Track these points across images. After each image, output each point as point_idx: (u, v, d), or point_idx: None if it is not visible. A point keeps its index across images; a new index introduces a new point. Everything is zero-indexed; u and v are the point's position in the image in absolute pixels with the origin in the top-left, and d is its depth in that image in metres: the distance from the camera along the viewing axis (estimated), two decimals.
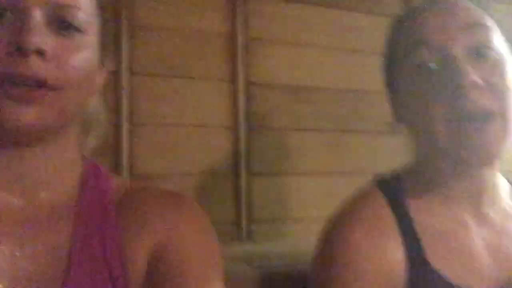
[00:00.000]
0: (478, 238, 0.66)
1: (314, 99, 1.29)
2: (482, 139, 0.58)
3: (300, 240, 1.19)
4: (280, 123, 1.24)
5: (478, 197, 0.66)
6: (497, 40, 0.62)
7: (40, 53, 0.46)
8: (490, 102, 0.58)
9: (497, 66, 0.60)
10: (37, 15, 0.47)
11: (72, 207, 0.54)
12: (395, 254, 0.62)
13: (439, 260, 0.62)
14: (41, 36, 0.46)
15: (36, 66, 0.46)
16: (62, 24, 0.49)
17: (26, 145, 0.50)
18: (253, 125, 1.20)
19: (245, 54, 1.21)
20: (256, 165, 1.20)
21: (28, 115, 0.46)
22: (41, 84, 0.46)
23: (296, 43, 1.29)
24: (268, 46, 1.25)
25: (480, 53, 0.60)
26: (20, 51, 0.45)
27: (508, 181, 0.73)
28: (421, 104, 0.62)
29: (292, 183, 1.24)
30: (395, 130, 0.72)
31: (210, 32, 1.18)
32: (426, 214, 0.66)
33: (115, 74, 1.05)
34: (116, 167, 1.04)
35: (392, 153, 1.35)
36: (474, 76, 0.57)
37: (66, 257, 0.50)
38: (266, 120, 1.22)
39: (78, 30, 0.50)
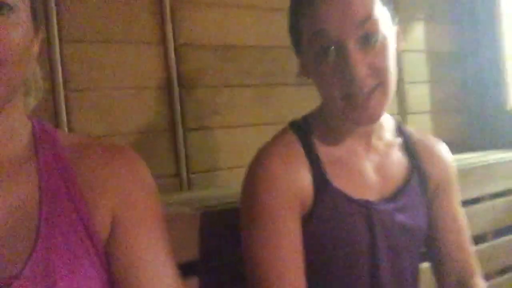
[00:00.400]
0: (368, 162, 0.84)
1: (241, 57, 1.39)
2: (369, 106, 0.73)
3: (234, 186, 1.33)
4: (210, 81, 1.34)
5: (367, 133, 0.83)
6: (384, 27, 0.75)
7: None
8: (375, 80, 0.73)
9: (381, 51, 0.74)
10: None
11: (33, 161, 0.62)
12: (304, 177, 0.78)
13: (338, 180, 0.79)
14: None
15: None
16: None
17: None
18: (185, 84, 1.29)
19: (172, 17, 1.28)
20: (190, 121, 1.30)
21: None
22: None
23: (221, 4, 1.37)
24: (194, 7, 1.32)
25: (369, 41, 0.73)
26: None
27: (396, 120, 0.92)
28: (323, 80, 0.76)
29: (225, 135, 1.36)
30: (302, 80, 0.85)
31: None
32: (328, 147, 0.82)
33: (47, 43, 1.09)
34: None
35: (315, 102, 1.49)
36: (362, 66, 0.71)
37: (37, 212, 0.58)
38: (197, 79, 1.31)
39: (11, 9, 0.55)
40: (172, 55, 1.27)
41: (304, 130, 0.82)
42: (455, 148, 1.90)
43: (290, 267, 0.73)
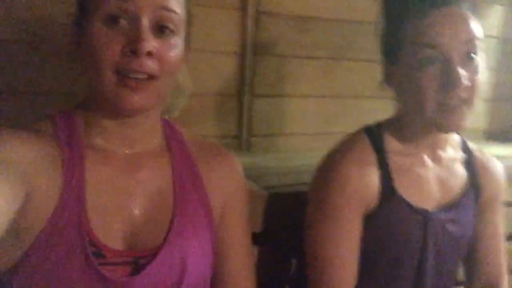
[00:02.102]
0: (432, 173, 0.90)
1: (314, 29, 1.41)
2: (458, 114, 0.80)
3: (291, 153, 1.41)
4: (282, 50, 1.38)
5: (436, 145, 0.90)
6: (480, 46, 0.80)
7: (148, 54, 0.61)
8: (468, 95, 0.79)
9: (476, 68, 0.79)
10: (146, 23, 0.61)
11: (166, 155, 0.73)
12: (372, 182, 0.85)
13: (403, 188, 0.86)
14: (150, 42, 0.61)
15: (146, 64, 0.61)
16: (162, 28, 0.63)
17: (131, 115, 0.67)
18: (258, 51, 1.34)
19: None
20: (258, 88, 1.36)
21: (137, 101, 0.62)
22: (148, 76, 0.62)
23: None
24: None
25: (470, 57, 0.79)
26: (135, 53, 0.60)
27: (461, 137, 0.97)
28: (418, 87, 0.80)
29: (288, 104, 1.42)
30: (382, 90, 0.89)
31: None
32: (398, 155, 0.88)
33: None
34: None
35: (377, 80, 1.51)
36: (464, 79, 0.77)
37: (171, 197, 0.70)
38: (270, 47, 1.36)
39: (173, 32, 0.64)
40: (250, 22, 1.30)
41: (377, 135, 0.89)
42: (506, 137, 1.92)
43: (346, 265, 0.83)
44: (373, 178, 0.85)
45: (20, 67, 1.05)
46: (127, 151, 0.70)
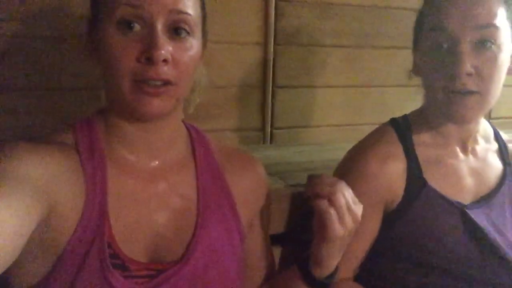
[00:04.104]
0: (464, 164, 0.86)
1: (338, 15, 1.35)
2: (463, 106, 0.76)
3: (315, 145, 1.37)
4: (305, 39, 1.32)
5: (466, 136, 0.86)
6: (502, 39, 0.75)
7: (164, 61, 0.58)
8: (474, 86, 0.74)
9: (491, 60, 0.74)
10: (160, 27, 0.58)
11: (191, 163, 0.71)
12: (398, 177, 0.82)
13: (434, 180, 0.82)
14: (165, 48, 0.58)
15: (162, 71, 0.59)
16: (177, 31, 0.60)
17: (150, 121, 0.65)
18: (281, 40, 1.29)
19: None
20: (281, 79, 1.32)
21: (156, 105, 0.60)
22: (165, 82, 0.60)
23: None
24: None
25: (484, 46, 0.74)
26: (151, 61, 0.58)
27: (493, 127, 0.93)
28: (429, 74, 0.79)
29: (311, 95, 1.37)
30: (411, 78, 0.85)
31: None
32: (426, 146, 0.85)
33: None
34: None
35: (405, 68, 1.44)
36: (468, 67, 0.73)
37: (195, 207, 0.68)
38: (293, 36, 1.31)
39: (188, 33, 0.62)
40: (272, 10, 1.26)
41: (403, 127, 0.85)
42: None
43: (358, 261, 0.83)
44: (399, 171, 0.82)
45: (51, 63, 1.05)
46: (150, 163, 0.67)
